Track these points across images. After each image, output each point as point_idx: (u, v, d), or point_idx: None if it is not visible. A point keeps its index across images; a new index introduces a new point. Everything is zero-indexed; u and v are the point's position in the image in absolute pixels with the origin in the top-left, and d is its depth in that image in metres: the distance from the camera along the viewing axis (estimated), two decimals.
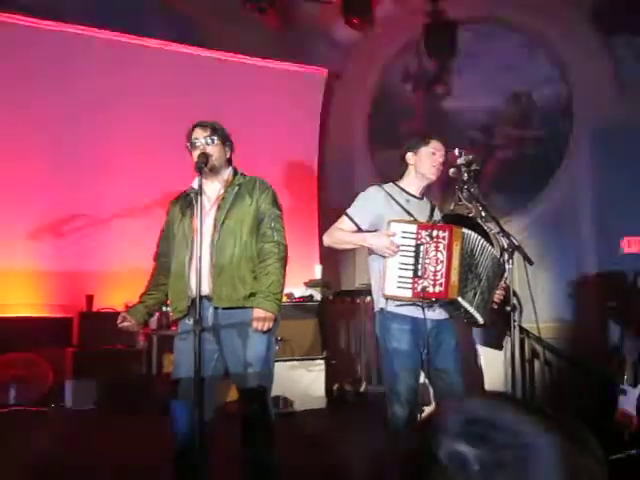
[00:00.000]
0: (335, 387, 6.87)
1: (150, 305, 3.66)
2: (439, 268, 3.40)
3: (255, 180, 3.61)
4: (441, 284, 3.39)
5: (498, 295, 3.70)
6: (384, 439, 3.60)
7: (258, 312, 3.36)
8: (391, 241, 3.45)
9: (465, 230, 3.51)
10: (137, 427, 5.63)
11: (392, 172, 3.94)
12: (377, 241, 3.53)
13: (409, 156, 3.74)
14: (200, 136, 3.49)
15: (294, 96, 8.51)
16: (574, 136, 7.09)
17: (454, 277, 3.40)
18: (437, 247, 3.42)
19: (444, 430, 0.89)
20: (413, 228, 3.47)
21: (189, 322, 3.41)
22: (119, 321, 3.58)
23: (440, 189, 5.89)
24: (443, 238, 3.43)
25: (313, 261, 7.88)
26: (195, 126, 3.55)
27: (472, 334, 5.71)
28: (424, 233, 3.44)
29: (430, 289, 3.40)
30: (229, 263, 3.41)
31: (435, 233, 3.44)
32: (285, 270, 3.52)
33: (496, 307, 3.71)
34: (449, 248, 3.41)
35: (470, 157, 4.70)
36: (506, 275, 3.77)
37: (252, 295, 3.41)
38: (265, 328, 3.37)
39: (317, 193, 8.69)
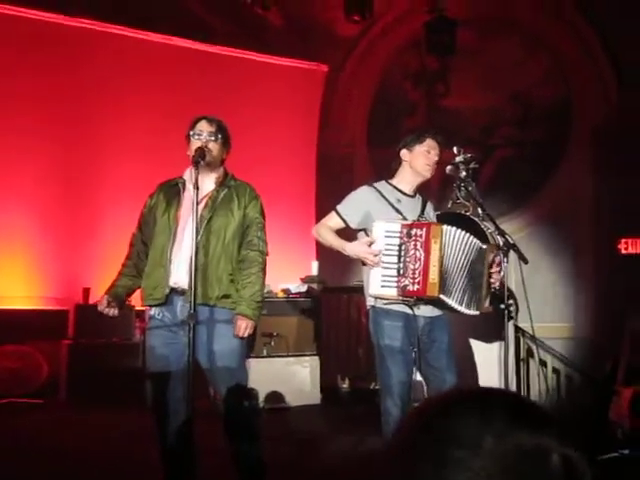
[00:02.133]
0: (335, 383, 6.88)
1: (130, 289, 3.62)
2: (417, 266, 3.39)
3: (246, 186, 3.62)
4: (419, 282, 3.39)
5: (494, 278, 3.66)
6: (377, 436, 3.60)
7: (241, 319, 3.39)
8: (369, 251, 3.47)
9: (446, 227, 3.48)
10: (132, 420, 5.63)
11: (391, 170, 3.93)
12: (356, 251, 3.56)
13: (404, 153, 3.74)
14: (205, 130, 3.49)
15: (294, 92, 8.51)
16: (573, 136, 7.09)
17: (433, 275, 3.39)
18: (415, 245, 3.41)
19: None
20: (396, 227, 3.47)
21: (158, 317, 3.44)
22: (104, 305, 3.50)
23: (438, 187, 5.89)
24: (420, 236, 3.42)
25: (310, 257, 7.88)
26: (201, 118, 3.54)
27: (467, 332, 5.71)
28: (405, 231, 3.45)
29: (410, 287, 3.40)
30: (209, 261, 3.42)
31: (413, 231, 3.43)
32: (265, 278, 3.56)
33: (497, 289, 3.70)
34: (426, 245, 3.40)
35: (469, 155, 4.70)
36: (500, 259, 3.75)
37: (225, 297, 3.43)
38: (246, 334, 3.41)
39: (315, 189, 8.69)
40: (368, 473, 0.86)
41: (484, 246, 3.62)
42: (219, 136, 3.50)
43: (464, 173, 4.20)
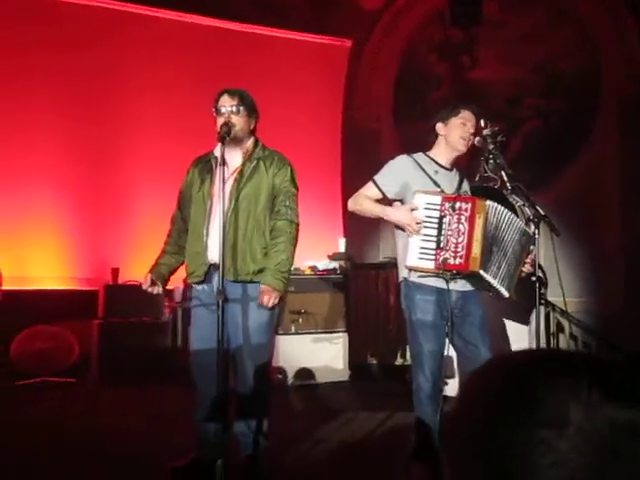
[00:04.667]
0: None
1: (172, 266, 3.66)
2: (460, 240, 3.36)
3: (274, 155, 3.59)
4: (461, 256, 3.36)
5: (526, 268, 3.64)
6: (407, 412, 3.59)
7: (265, 288, 3.39)
8: (412, 217, 3.41)
9: (489, 202, 3.46)
10: (161, 399, 5.69)
11: (417, 144, 3.88)
12: (399, 216, 3.50)
13: (439, 126, 3.67)
14: (227, 104, 3.46)
15: (318, 67, 8.44)
16: (601, 108, 6.96)
17: (476, 249, 3.36)
18: (459, 219, 3.38)
19: None
20: (437, 200, 3.43)
21: (200, 292, 3.47)
22: (148, 284, 3.54)
23: (466, 160, 5.81)
24: (465, 210, 3.38)
25: (337, 234, 7.87)
26: (223, 93, 3.52)
27: (498, 305, 5.67)
28: (447, 205, 3.40)
29: (451, 261, 3.37)
30: (242, 237, 3.42)
31: (458, 205, 3.39)
32: (295, 248, 3.54)
33: (523, 275, 3.66)
34: (471, 220, 3.37)
35: (496, 128, 4.63)
36: (533, 249, 3.71)
37: (260, 271, 3.43)
38: (270, 304, 3.40)
39: (341, 166, 8.65)
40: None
41: (533, 234, 3.59)
42: (241, 108, 3.47)
43: (492, 146, 4.13)
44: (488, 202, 3.46)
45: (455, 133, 3.62)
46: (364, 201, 3.64)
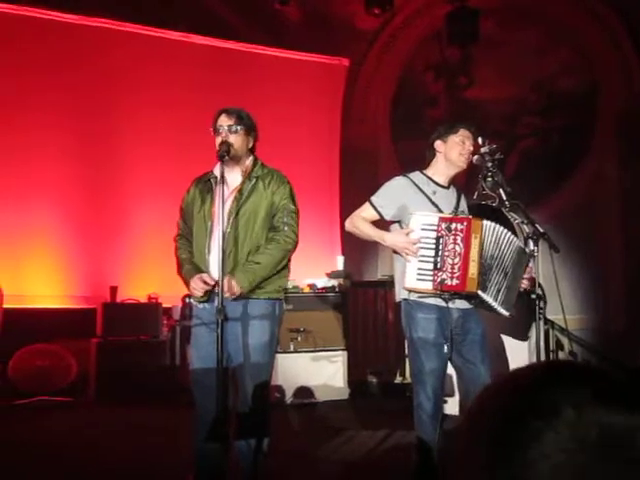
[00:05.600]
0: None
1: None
2: (456, 261, 3.34)
3: (273, 173, 3.58)
4: (458, 277, 3.33)
5: (524, 283, 3.63)
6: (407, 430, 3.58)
7: (229, 280, 3.28)
8: (409, 241, 3.40)
9: (486, 222, 3.42)
10: (160, 417, 5.66)
11: (415, 162, 3.88)
12: (395, 241, 3.48)
13: (438, 144, 3.65)
14: (224, 123, 3.47)
15: (316, 87, 8.49)
16: (599, 125, 6.99)
17: (472, 270, 3.33)
18: (455, 240, 3.35)
19: None
20: (434, 220, 3.41)
21: (201, 310, 3.43)
22: (206, 281, 3.39)
23: (464, 178, 5.83)
24: (461, 231, 3.35)
25: (335, 252, 7.87)
26: (221, 112, 3.52)
27: (497, 323, 5.66)
28: (443, 225, 3.37)
29: (448, 282, 3.34)
30: (241, 256, 3.41)
31: (453, 225, 3.36)
32: (281, 261, 3.45)
33: (520, 291, 3.65)
34: (467, 241, 3.34)
35: (494, 146, 4.64)
36: (531, 265, 3.70)
37: (258, 287, 3.39)
38: (225, 295, 3.25)
39: (339, 184, 8.67)
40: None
41: (527, 250, 3.57)
42: (239, 127, 3.47)
43: (490, 164, 4.14)
44: (485, 222, 3.43)
45: (455, 150, 3.61)
46: (361, 223, 3.63)
